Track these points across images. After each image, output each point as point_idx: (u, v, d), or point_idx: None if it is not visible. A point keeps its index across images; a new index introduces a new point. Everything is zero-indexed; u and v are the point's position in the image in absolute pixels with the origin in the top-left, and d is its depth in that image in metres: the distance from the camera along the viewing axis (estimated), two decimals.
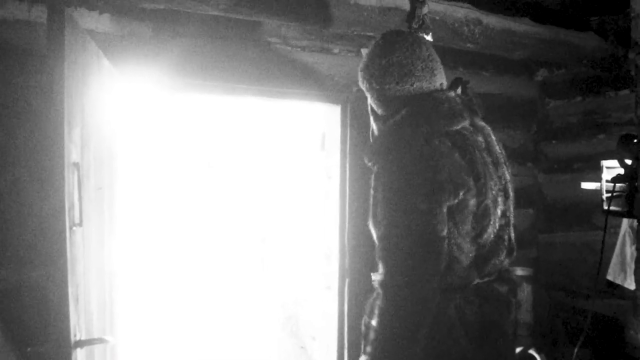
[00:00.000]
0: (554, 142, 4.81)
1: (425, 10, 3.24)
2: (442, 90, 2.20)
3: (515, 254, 2.23)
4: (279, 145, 5.27)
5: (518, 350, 3.33)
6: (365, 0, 3.16)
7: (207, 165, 6.12)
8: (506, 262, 2.20)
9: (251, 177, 5.87)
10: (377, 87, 2.17)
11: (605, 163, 3.01)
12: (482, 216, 2.04)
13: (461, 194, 1.97)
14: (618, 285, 3.45)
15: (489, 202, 2.04)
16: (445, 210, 1.94)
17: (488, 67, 4.60)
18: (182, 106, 5.52)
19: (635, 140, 2.58)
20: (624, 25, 2.65)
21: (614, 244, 3.48)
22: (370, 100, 2.28)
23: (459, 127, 2.10)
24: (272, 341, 5.25)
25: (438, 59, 2.22)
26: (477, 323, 2.06)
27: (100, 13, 3.20)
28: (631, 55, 2.49)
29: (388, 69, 2.13)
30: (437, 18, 3.36)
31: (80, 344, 2.27)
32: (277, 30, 3.69)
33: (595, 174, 3.31)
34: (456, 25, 3.46)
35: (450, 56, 4.26)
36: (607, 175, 2.96)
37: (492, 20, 3.61)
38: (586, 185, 3.38)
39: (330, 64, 3.90)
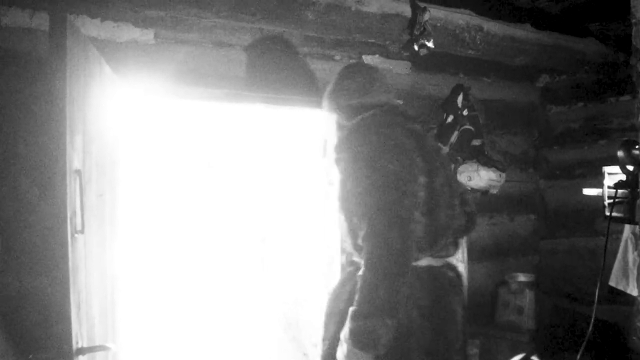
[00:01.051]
0: (555, 148, 4.81)
1: (426, 17, 3.25)
2: (390, 102, 2.61)
3: (458, 248, 2.56)
4: (281, 149, 5.27)
5: (520, 357, 3.31)
6: (366, 7, 3.16)
7: (207, 166, 6.12)
8: (452, 251, 2.51)
9: (253, 180, 5.87)
10: (344, 103, 2.58)
11: (606, 169, 3.00)
12: (431, 204, 2.33)
13: (417, 183, 2.29)
14: (621, 292, 3.44)
15: (437, 191, 2.36)
16: (408, 195, 2.25)
17: (489, 74, 4.60)
18: (184, 112, 5.52)
19: (636, 147, 2.57)
20: (625, 31, 2.64)
21: (617, 250, 3.47)
22: (334, 116, 2.69)
23: (411, 127, 2.48)
24: (272, 344, 5.24)
25: (386, 81, 2.69)
26: (427, 299, 2.33)
27: (102, 20, 3.20)
28: (632, 62, 2.48)
29: (353, 87, 2.58)
30: (439, 25, 3.37)
31: (81, 351, 2.26)
32: (278, 38, 3.69)
33: (597, 180, 3.30)
34: (457, 31, 3.47)
35: (452, 62, 4.27)
36: (608, 181, 2.96)
37: (493, 27, 3.61)
38: (588, 192, 3.37)
39: (331, 71, 3.89)
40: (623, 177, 2.70)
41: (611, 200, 2.74)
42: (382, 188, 2.22)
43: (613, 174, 2.94)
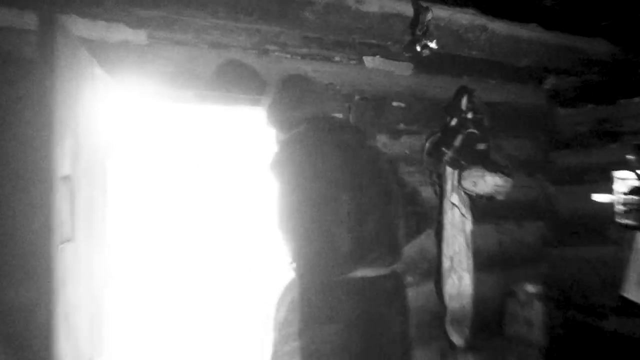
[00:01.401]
0: (563, 151, 4.73)
1: (429, 16, 3.17)
2: (325, 114, 2.73)
3: (400, 256, 2.55)
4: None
5: None
6: (367, 6, 3.09)
7: (196, 168, 6.09)
8: (389, 260, 2.49)
9: (248, 184, 5.83)
10: (279, 116, 2.70)
11: (617, 174, 2.93)
12: (359, 217, 2.40)
13: (339, 200, 2.37)
14: (635, 302, 3.34)
15: (367, 204, 2.42)
16: (330, 212, 2.35)
17: (494, 75, 4.52)
18: (178, 114, 5.47)
19: None
20: (636, 30, 2.56)
21: (628, 259, 3.37)
22: (272, 129, 2.78)
23: (345, 139, 2.54)
24: (254, 345, 5.19)
25: (322, 92, 2.91)
26: (357, 310, 2.37)
27: (94, 20, 3.12)
28: None
29: (286, 100, 2.70)
30: (442, 24, 3.30)
31: None
32: (276, 38, 3.61)
33: (607, 185, 3.23)
34: (461, 31, 3.40)
35: (455, 64, 4.19)
36: (619, 186, 2.88)
37: (498, 26, 3.54)
38: (598, 198, 3.29)
39: (331, 72, 3.83)
40: (636, 182, 2.62)
41: (623, 207, 2.66)
42: (305, 206, 2.35)
43: (624, 179, 2.86)
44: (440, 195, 4.09)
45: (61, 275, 2.24)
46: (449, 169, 4.00)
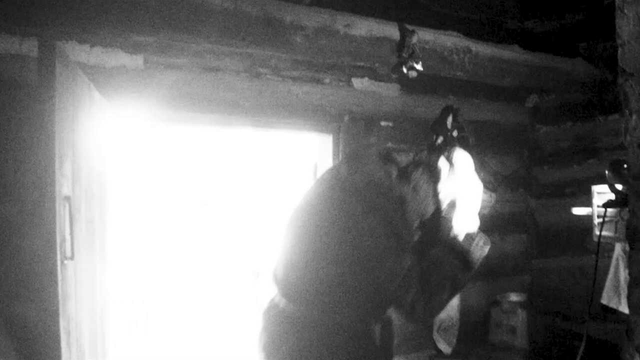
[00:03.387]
0: (545, 167, 4.82)
1: (414, 39, 3.27)
2: None
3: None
4: (273, 176, 5.27)
5: None
6: (355, 30, 3.18)
7: (202, 203, 6.12)
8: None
9: (245, 211, 5.87)
10: None
11: (596, 188, 3.01)
12: None
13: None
14: (613, 310, 3.43)
15: None
16: None
17: (478, 95, 4.61)
18: (174, 138, 5.53)
19: (624, 166, 2.58)
20: (612, 51, 2.66)
21: (608, 269, 3.47)
22: None
23: None
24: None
25: None
26: (269, 346, 2.06)
27: (92, 46, 3.20)
28: (620, 81, 2.49)
29: None
30: (427, 47, 3.39)
31: None
32: (267, 62, 3.70)
33: (586, 198, 3.32)
34: (446, 53, 3.48)
35: (441, 84, 4.29)
36: (598, 200, 2.97)
37: (482, 48, 3.63)
38: (577, 211, 3.38)
39: (321, 94, 3.90)
40: (612, 196, 2.71)
41: (601, 220, 2.74)
42: None
43: (602, 193, 2.95)
44: None
45: (64, 291, 2.30)
46: None
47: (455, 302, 4.13)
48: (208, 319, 5.77)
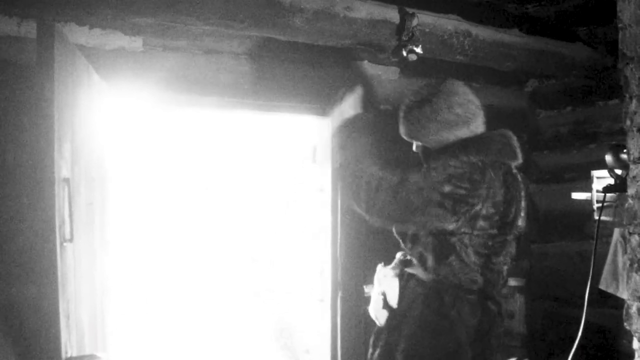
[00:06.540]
0: (545, 152, 4.82)
1: (415, 22, 3.25)
2: None
3: None
4: (272, 159, 5.27)
5: None
6: (355, 13, 3.16)
7: (202, 187, 6.12)
8: None
9: (244, 194, 5.86)
10: None
11: (595, 173, 3.02)
12: None
13: None
14: (611, 295, 3.45)
15: None
16: None
17: (478, 79, 4.59)
18: (174, 122, 5.52)
19: (624, 151, 2.59)
20: (613, 36, 2.66)
21: (606, 254, 3.48)
22: None
23: None
24: (263, 353, 5.24)
25: None
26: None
27: (90, 28, 3.19)
28: (620, 66, 2.49)
29: None
30: (427, 30, 3.36)
31: None
32: (267, 44, 3.69)
33: (586, 183, 3.32)
34: (446, 37, 3.47)
35: (441, 68, 4.26)
36: (597, 185, 2.98)
37: (482, 32, 3.62)
38: (577, 196, 3.39)
39: (320, 77, 3.89)
40: (611, 181, 2.72)
41: (600, 204, 2.75)
42: None
43: (602, 178, 2.96)
44: None
45: (63, 273, 2.30)
46: None
47: None
48: (206, 304, 5.80)
